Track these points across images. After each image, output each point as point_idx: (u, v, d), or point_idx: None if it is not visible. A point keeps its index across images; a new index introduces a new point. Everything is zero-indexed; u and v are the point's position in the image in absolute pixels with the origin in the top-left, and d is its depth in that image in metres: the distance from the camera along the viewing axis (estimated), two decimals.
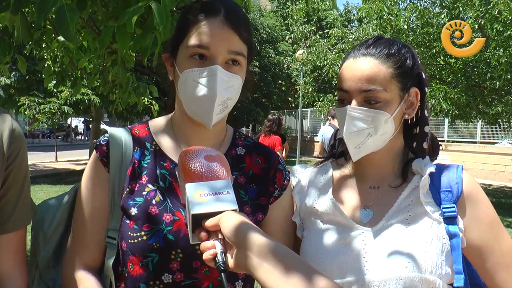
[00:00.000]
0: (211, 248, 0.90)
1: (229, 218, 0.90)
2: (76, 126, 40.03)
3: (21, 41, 1.54)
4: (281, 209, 1.28)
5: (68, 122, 31.81)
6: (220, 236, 0.90)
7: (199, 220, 0.93)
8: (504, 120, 10.59)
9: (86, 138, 36.09)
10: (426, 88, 1.25)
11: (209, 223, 0.91)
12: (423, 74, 1.24)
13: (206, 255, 0.90)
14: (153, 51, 1.85)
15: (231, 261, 0.89)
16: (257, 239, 0.86)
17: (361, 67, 1.16)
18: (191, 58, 1.12)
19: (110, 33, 1.76)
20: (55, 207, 1.31)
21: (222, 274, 0.87)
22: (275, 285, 0.81)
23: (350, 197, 1.28)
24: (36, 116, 11.72)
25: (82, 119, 27.25)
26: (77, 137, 40.53)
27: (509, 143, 14.65)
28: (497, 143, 15.23)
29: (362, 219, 1.22)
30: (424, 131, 1.27)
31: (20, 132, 1.14)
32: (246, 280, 1.19)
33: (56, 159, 18.26)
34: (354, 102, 1.16)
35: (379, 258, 1.13)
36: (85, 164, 16.25)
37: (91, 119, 14.83)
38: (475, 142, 15.69)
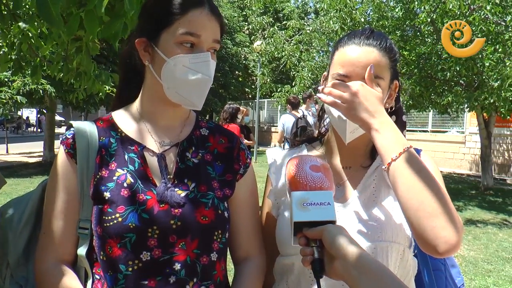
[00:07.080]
0: (309, 254, 1.03)
1: (331, 232, 1.00)
2: (28, 117, 38.48)
3: None
4: (247, 185, 1.35)
5: (19, 113, 30.48)
6: (318, 244, 1.03)
7: (300, 226, 1.05)
8: (453, 109, 11.10)
9: (39, 130, 34.81)
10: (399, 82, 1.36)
11: (311, 233, 1.03)
12: None
13: (304, 260, 1.04)
14: (122, 37, 1.86)
15: (328, 269, 1.01)
16: (357, 253, 0.96)
17: (367, 55, 1.23)
18: (181, 45, 1.17)
19: (77, 20, 1.75)
20: (22, 204, 1.31)
21: (319, 279, 1.00)
22: None
23: None
24: None
25: (35, 110, 26.11)
26: (29, 128, 39.00)
27: (457, 131, 15.29)
28: (447, 131, 15.89)
29: (335, 195, 1.30)
30: (403, 120, 1.40)
31: None
32: (221, 252, 1.24)
33: (7, 151, 17.61)
34: None
35: (352, 231, 1.20)
36: (39, 156, 15.83)
37: (45, 110, 14.31)
38: (427, 131, 16.31)
